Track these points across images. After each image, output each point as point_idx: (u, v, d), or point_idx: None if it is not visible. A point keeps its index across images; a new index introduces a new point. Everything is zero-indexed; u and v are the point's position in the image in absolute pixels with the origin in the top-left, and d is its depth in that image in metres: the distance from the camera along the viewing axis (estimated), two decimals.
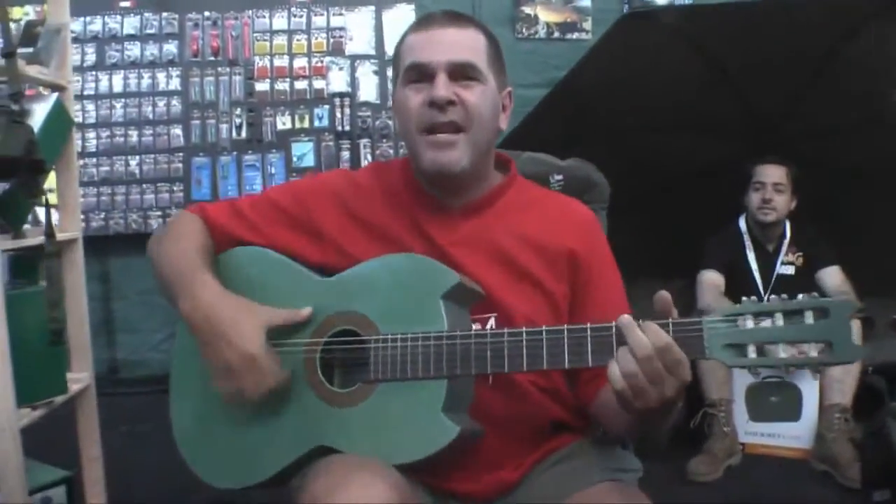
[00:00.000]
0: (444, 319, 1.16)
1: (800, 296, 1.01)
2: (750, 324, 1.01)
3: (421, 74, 1.26)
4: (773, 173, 3.03)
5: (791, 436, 2.80)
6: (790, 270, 3.07)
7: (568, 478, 1.22)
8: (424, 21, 1.32)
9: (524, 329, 1.12)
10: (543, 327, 1.11)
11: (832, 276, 2.99)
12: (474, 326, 1.26)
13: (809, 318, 0.99)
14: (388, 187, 1.36)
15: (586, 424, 1.36)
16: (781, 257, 3.06)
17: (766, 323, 1.00)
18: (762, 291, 3.06)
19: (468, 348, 1.13)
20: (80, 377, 2.15)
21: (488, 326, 1.27)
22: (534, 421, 1.28)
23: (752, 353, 1.01)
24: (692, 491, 2.51)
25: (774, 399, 2.84)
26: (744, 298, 1.03)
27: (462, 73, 1.26)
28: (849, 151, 3.27)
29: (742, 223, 3.11)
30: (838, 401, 2.71)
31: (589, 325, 1.09)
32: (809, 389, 2.80)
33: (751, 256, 3.06)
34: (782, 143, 3.29)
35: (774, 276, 3.06)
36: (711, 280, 2.98)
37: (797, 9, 2.95)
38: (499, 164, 1.40)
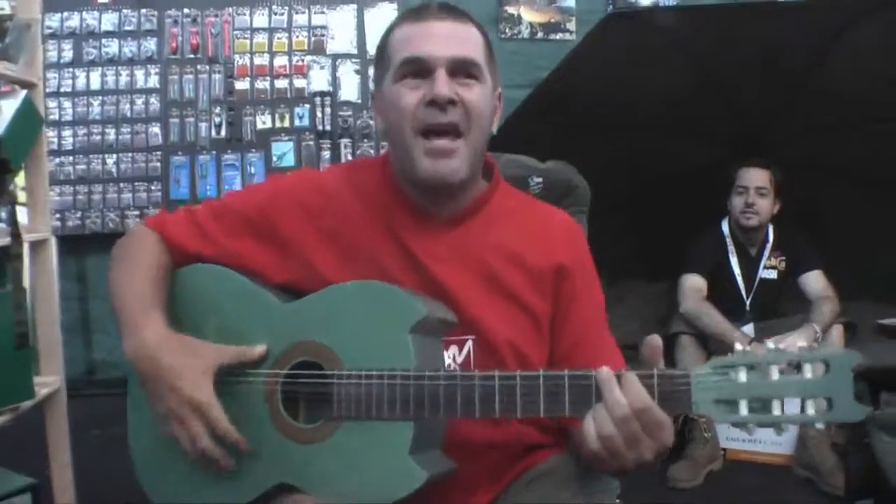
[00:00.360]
0: (412, 355, 1.09)
1: (798, 343, 0.96)
2: (743, 377, 0.95)
3: (418, 70, 1.16)
4: (756, 177, 3.01)
5: (773, 441, 2.78)
6: (773, 275, 3.06)
7: (543, 497, 1.18)
8: (419, 12, 1.20)
9: (496, 373, 1.05)
10: (518, 372, 1.05)
11: (815, 281, 2.97)
12: (451, 349, 1.21)
13: (808, 371, 0.93)
14: (364, 193, 1.26)
15: (563, 440, 1.30)
16: (764, 261, 3.05)
17: (761, 376, 0.94)
18: (745, 296, 3.04)
19: (436, 391, 1.06)
20: (49, 381, 2.11)
21: (465, 349, 1.21)
22: (509, 447, 1.23)
23: (744, 409, 0.94)
24: (673, 497, 2.49)
25: None
26: (737, 347, 0.97)
27: (463, 70, 1.16)
28: (834, 154, 3.26)
29: (725, 227, 3.09)
30: None
31: (567, 372, 1.02)
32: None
33: (733, 261, 3.04)
34: (767, 145, 3.27)
35: (757, 281, 3.05)
36: (694, 284, 2.95)
37: (782, 11, 2.93)
38: (483, 171, 1.31)
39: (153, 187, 3.61)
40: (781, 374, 0.94)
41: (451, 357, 1.21)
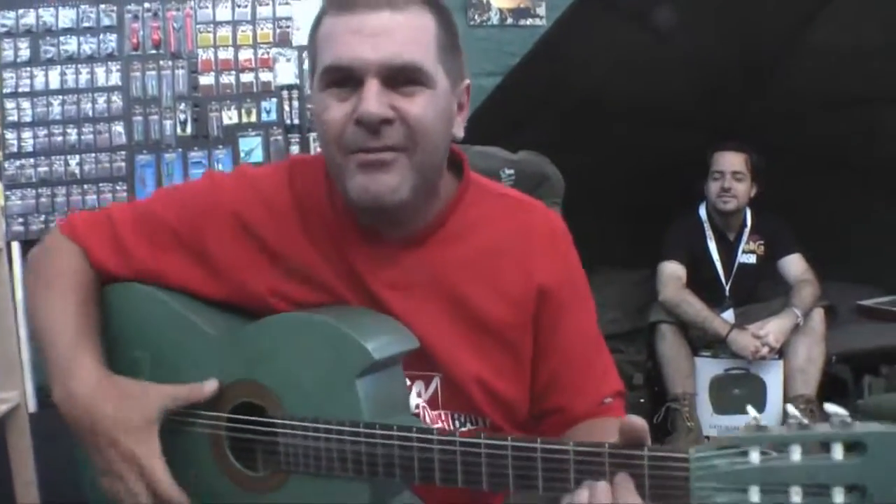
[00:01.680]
0: (363, 405, 0.96)
1: (831, 420, 0.77)
2: (755, 458, 0.78)
3: (343, 78, 0.98)
4: (731, 161, 2.98)
5: None
6: (752, 259, 3.04)
7: None
8: None
9: (458, 438, 0.91)
10: (482, 440, 0.90)
11: (794, 264, 2.96)
12: (417, 384, 1.09)
13: (838, 452, 0.76)
14: (305, 205, 1.10)
15: None
16: (742, 246, 3.03)
17: (778, 458, 0.78)
18: (723, 280, 3.02)
19: (391, 453, 0.93)
20: (8, 396, 2.03)
21: (432, 387, 1.09)
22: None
23: (755, 496, 0.78)
24: None
25: (738, 391, 2.80)
26: (752, 419, 0.79)
27: (401, 77, 0.97)
28: (810, 138, 3.26)
29: (703, 211, 3.07)
30: (803, 392, 2.68)
31: (539, 442, 0.88)
32: (774, 381, 2.76)
33: (712, 246, 3.02)
34: (743, 130, 3.25)
35: (736, 265, 3.03)
36: (672, 271, 2.92)
37: None
38: (450, 163, 1.12)
39: (118, 188, 3.49)
40: (804, 454, 0.77)
41: (417, 393, 1.10)
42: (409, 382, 1.08)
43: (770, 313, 2.78)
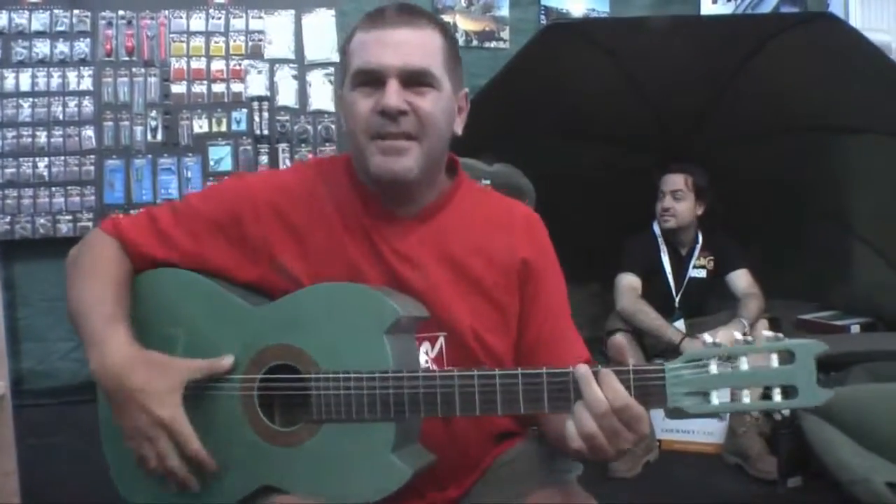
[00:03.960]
0: (390, 357, 1.10)
1: (766, 334, 0.99)
2: (714, 369, 0.98)
3: (371, 79, 1.18)
4: (673, 181, 3.16)
5: (704, 432, 2.93)
6: (702, 273, 3.21)
7: (512, 486, 1.21)
8: (375, 17, 1.21)
9: (475, 372, 1.07)
10: (497, 371, 1.06)
11: (740, 279, 3.13)
12: (424, 345, 1.23)
13: (775, 361, 0.97)
14: (332, 191, 1.26)
15: (528, 423, 1.35)
16: (693, 261, 3.19)
17: (731, 367, 0.98)
18: (674, 293, 3.18)
19: (416, 391, 1.08)
20: None
21: (437, 345, 1.24)
22: (479, 435, 1.26)
23: (715, 399, 0.98)
24: (613, 487, 2.60)
25: None
26: (707, 339, 1.01)
27: (415, 79, 1.17)
28: (754, 161, 3.45)
29: (657, 228, 3.22)
30: None
31: (545, 369, 1.05)
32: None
33: (665, 260, 3.18)
34: (692, 152, 3.43)
35: (687, 279, 3.19)
36: (629, 283, 3.07)
37: (706, 27, 3.09)
38: (447, 167, 1.33)
39: (86, 191, 3.51)
40: (751, 364, 0.98)
41: (425, 353, 1.23)
42: (418, 346, 1.22)
43: (719, 324, 2.94)
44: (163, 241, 1.26)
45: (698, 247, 3.20)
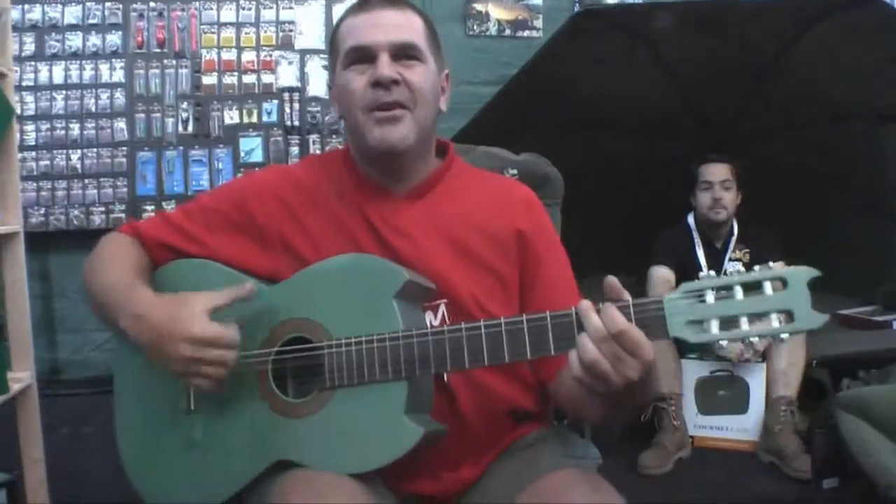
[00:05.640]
0: (400, 320, 1.13)
1: (756, 268, 1.01)
2: (711, 299, 1.00)
3: (363, 56, 1.25)
4: (719, 172, 3.08)
5: (739, 429, 2.86)
6: (738, 267, 3.11)
7: (527, 467, 1.21)
8: (362, 4, 1.30)
9: (482, 322, 1.09)
10: (502, 319, 1.08)
11: None
12: (427, 314, 1.25)
13: (769, 289, 0.98)
14: (331, 179, 1.34)
15: (546, 410, 1.36)
16: (729, 254, 3.11)
17: (727, 297, 0.99)
18: None
19: (426, 347, 1.10)
20: (21, 376, 2.08)
21: (439, 313, 1.26)
22: (492, 412, 1.26)
23: (714, 328, 0.99)
24: (643, 484, 2.54)
25: (723, 393, 2.89)
26: (701, 273, 1.03)
27: (404, 53, 1.26)
28: (791, 152, 3.36)
29: (691, 220, 3.15)
30: (784, 393, 2.76)
31: (548, 312, 1.06)
32: (756, 383, 2.85)
33: (700, 253, 3.10)
34: (729, 144, 3.35)
35: (723, 273, 3.11)
36: (662, 275, 3.01)
37: (746, 11, 3.00)
38: (437, 150, 1.40)
39: (119, 183, 3.55)
40: (746, 293, 0.99)
41: (429, 322, 1.25)
42: None
43: None
44: (178, 233, 1.32)
45: (733, 239, 3.12)
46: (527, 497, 1.14)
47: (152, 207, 3.55)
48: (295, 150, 3.68)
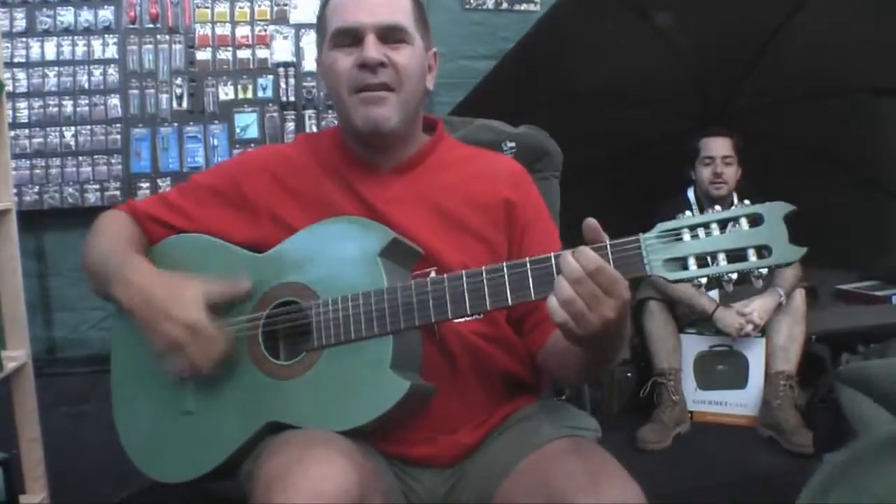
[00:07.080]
0: (384, 277, 1.14)
1: (733, 206, 1.01)
2: (688, 237, 1.00)
3: (349, 38, 1.26)
4: (721, 146, 3.04)
5: (738, 403, 2.86)
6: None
7: (526, 437, 1.21)
8: None
9: (464, 272, 1.10)
10: (483, 268, 1.09)
11: None
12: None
13: (745, 224, 0.99)
14: (319, 154, 1.36)
15: (540, 383, 1.37)
16: None
17: (704, 234, 1.00)
18: None
19: (409, 300, 1.12)
20: (15, 355, 2.06)
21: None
22: (488, 377, 1.27)
23: (692, 265, 1.00)
24: (642, 459, 2.55)
25: (721, 368, 2.89)
26: (679, 214, 1.03)
27: (391, 35, 1.26)
28: (790, 126, 3.33)
29: (691, 194, 3.12)
30: (783, 368, 2.76)
31: (528, 258, 1.07)
32: (756, 358, 2.85)
33: None
34: (729, 116, 3.32)
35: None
36: None
37: None
38: (426, 127, 1.42)
39: (113, 160, 3.53)
40: (722, 230, 1.00)
41: None
42: None
43: (753, 293, 2.85)
44: (171, 209, 1.36)
45: None
46: (527, 464, 1.15)
47: (147, 185, 3.53)
48: (291, 125, 3.65)
